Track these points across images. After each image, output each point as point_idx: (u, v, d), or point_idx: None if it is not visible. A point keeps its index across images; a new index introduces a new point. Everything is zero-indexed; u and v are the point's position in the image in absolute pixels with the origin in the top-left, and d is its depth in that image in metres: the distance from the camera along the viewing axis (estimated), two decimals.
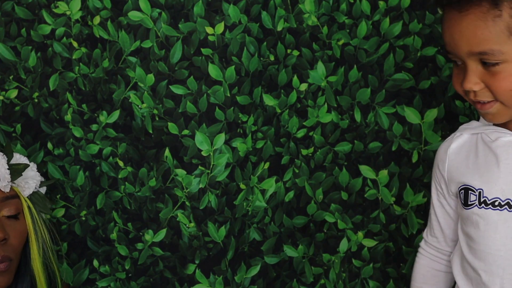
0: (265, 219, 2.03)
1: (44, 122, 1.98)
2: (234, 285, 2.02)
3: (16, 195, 1.72)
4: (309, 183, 2.02)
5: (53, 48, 1.97)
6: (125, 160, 1.99)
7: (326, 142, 2.02)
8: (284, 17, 1.98)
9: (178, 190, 1.98)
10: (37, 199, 1.75)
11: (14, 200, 1.71)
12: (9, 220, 1.70)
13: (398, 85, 1.98)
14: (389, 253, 2.03)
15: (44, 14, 1.96)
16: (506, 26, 1.44)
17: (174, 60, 1.96)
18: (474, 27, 1.45)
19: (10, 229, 1.69)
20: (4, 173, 1.69)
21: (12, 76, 1.97)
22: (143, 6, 1.95)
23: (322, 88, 2.00)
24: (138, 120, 1.98)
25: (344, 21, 1.98)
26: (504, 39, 1.44)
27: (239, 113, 1.98)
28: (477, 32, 1.45)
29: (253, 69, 1.97)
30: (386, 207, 2.02)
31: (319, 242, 2.04)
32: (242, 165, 2.00)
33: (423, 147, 1.98)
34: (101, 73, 1.97)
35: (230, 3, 1.95)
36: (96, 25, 1.96)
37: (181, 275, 2.01)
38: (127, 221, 2.00)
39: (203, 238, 2.00)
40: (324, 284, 2.04)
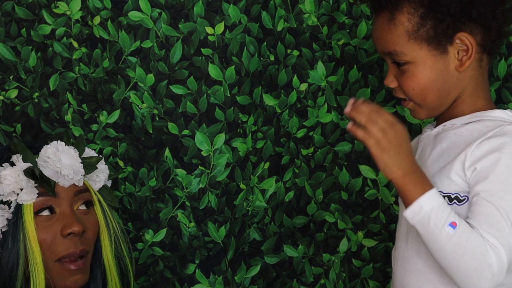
0: (265, 219, 2.03)
1: (44, 122, 1.98)
2: (234, 285, 2.02)
3: (87, 189, 1.71)
4: (309, 183, 2.02)
5: (53, 48, 1.97)
6: (125, 160, 1.99)
7: (326, 142, 2.02)
8: (284, 17, 1.98)
9: (178, 190, 1.99)
10: (104, 192, 1.74)
11: (86, 194, 1.70)
12: (83, 213, 1.69)
13: None
14: (389, 253, 2.03)
15: (44, 14, 1.96)
16: (404, 30, 1.54)
17: (174, 60, 1.96)
18: (382, 30, 1.57)
19: (84, 222, 1.68)
20: (78, 167, 1.68)
21: (12, 76, 1.97)
22: (143, 6, 1.95)
23: (322, 88, 2.01)
24: (138, 120, 1.98)
25: (344, 21, 1.98)
26: (404, 42, 1.55)
27: (239, 113, 1.98)
28: (383, 34, 1.57)
29: (253, 69, 1.98)
30: (386, 207, 2.02)
31: (319, 242, 2.04)
32: (242, 165, 2.00)
33: None
34: (101, 73, 1.97)
35: (230, 3, 1.95)
36: (96, 25, 1.96)
37: (181, 275, 2.01)
38: (127, 221, 2.00)
39: (203, 238, 2.00)
40: (324, 284, 2.04)
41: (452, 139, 1.57)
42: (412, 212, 1.48)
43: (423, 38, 1.54)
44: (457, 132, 1.58)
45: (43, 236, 1.64)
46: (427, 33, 1.54)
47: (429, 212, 1.47)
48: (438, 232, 1.46)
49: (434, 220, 1.46)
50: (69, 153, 1.68)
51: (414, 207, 1.48)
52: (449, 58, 1.55)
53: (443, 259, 1.48)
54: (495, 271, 1.46)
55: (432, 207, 1.47)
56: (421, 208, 1.47)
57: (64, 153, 1.67)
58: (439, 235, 1.46)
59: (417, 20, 1.54)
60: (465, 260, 1.45)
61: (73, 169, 1.67)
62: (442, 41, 1.54)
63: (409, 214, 1.48)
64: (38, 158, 1.66)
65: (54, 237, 1.65)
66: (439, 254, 1.47)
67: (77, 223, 1.65)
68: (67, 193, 1.67)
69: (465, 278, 1.47)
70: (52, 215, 1.66)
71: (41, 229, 1.65)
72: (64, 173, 1.65)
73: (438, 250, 1.47)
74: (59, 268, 1.65)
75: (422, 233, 1.48)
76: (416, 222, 1.48)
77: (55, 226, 1.65)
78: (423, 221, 1.47)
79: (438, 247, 1.47)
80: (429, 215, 1.47)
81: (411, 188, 1.49)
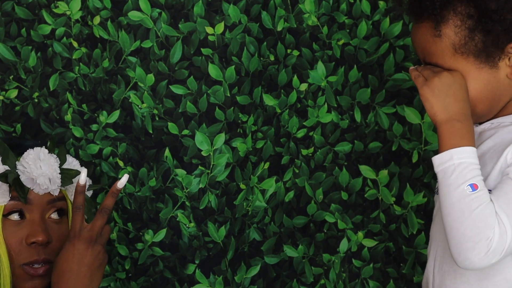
0: (265, 219, 2.03)
1: (44, 122, 1.98)
2: (234, 285, 2.02)
3: (63, 197, 1.70)
4: (309, 183, 2.02)
5: (53, 48, 1.97)
6: (125, 160, 1.99)
7: (326, 142, 2.02)
8: (284, 17, 1.98)
9: (178, 190, 1.99)
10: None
11: (61, 202, 1.70)
12: (54, 222, 1.69)
13: (398, 85, 1.98)
14: (389, 253, 2.03)
15: (44, 14, 1.96)
16: (450, 44, 1.49)
17: (174, 60, 1.96)
18: (425, 41, 1.52)
19: (54, 232, 1.68)
20: (56, 178, 1.68)
21: (12, 76, 1.97)
22: (143, 6, 1.95)
23: (322, 88, 2.01)
24: (138, 120, 1.98)
25: (344, 21, 1.98)
26: (449, 56, 1.49)
27: (239, 113, 1.98)
28: (426, 46, 1.52)
29: (253, 69, 1.98)
30: (386, 207, 2.02)
31: (319, 242, 2.04)
32: (242, 165, 2.00)
33: (423, 147, 1.98)
34: (101, 73, 1.97)
35: (230, 3, 1.95)
36: (96, 25, 1.96)
37: (181, 275, 2.01)
38: (127, 221, 2.00)
39: (203, 238, 2.00)
40: (324, 284, 2.04)
41: (501, 137, 1.53)
42: (440, 159, 1.45)
43: (470, 51, 1.49)
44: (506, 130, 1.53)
45: (9, 240, 1.65)
46: (476, 46, 1.48)
47: (456, 165, 1.43)
48: (455, 187, 1.43)
49: (457, 174, 1.43)
50: (50, 162, 1.68)
51: (444, 155, 1.45)
52: (499, 68, 1.50)
53: (448, 216, 1.44)
54: (492, 247, 1.42)
55: (462, 161, 1.43)
56: (451, 158, 1.44)
57: (44, 162, 1.67)
58: (455, 190, 1.43)
59: (465, 33, 1.48)
60: (468, 223, 1.42)
61: (50, 178, 1.66)
62: (492, 53, 1.49)
63: (436, 160, 1.45)
64: (19, 162, 1.66)
65: (20, 243, 1.65)
66: (447, 210, 1.44)
67: (42, 233, 1.65)
68: (41, 200, 1.67)
69: (460, 243, 1.43)
70: (21, 220, 1.66)
71: (8, 232, 1.65)
72: (40, 182, 1.65)
73: (448, 205, 1.44)
74: (21, 272, 1.66)
75: (440, 184, 1.45)
76: (440, 170, 1.44)
77: (22, 232, 1.66)
78: (447, 171, 1.44)
79: (449, 202, 1.43)
80: (455, 167, 1.43)
81: (450, 136, 1.45)
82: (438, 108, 1.47)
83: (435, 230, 1.61)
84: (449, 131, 1.46)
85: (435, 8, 1.48)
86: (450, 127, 1.46)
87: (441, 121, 1.47)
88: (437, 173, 1.46)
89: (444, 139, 1.46)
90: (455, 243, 1.44)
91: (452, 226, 1.44)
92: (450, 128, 1.46)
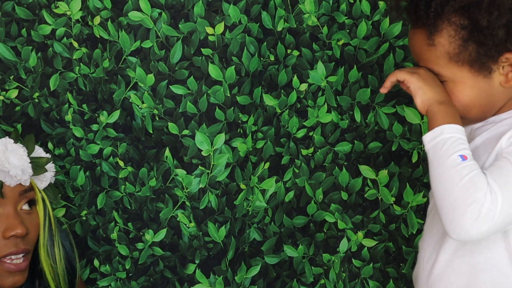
0: (265, 219, 2.03)
1: (44, 122, 1.98)
2: (234, 285, 2.02)
3: (31, 187, 1.67)
4: (309, 183, 2.02)
5: (53, 48, 1.97)
6: (125, 160, 1.99)
7: (326, 142, 2.02)
8: (284, 17, 1.98)
9: (178, 190, 1.99)
10: (49, 190, 1.70)
11: (31, 193, 1.67)
12: (26, 213, 1.66)
13: (398, 85, 1.98)
14: (389, 253, 2.03)
15: (44, 14, 1.96)
16: (445, 52, 1.50)
17: (174, 60, 1.96)
18: (420, 47, 1.53)
19: (28, 223, 1.65)
20: (27, 167, 1.64)
21: (12, 76, 1.97)
22: (143, 7, 1.95)
23: (322, 88, 2.01)
24: (139, 120, 1.98)
25: (344, 21, 1.98)
26: (444, 63, 1.51)
27: (239, 113, 1.98)
28: (421, 52, 1.53)
29: (253, 69, 1.98)
30: (386, 207, 2.02)
31: (319, 242, 2.04)
32: (242, 165, 2.00)
33: (423, 147, 1.98)
34: (101, 73, 1.98)
35: (230, 3, 1.95)
36: (96, 25, 1.96)
37: (181, 275, 2.01)
38: (127, 221, 2.00)
39: (203, 238, 2.00)
40: (324, 284, 2.04)
41: (495, 130, 1.54)
42: (431, 135, 1.48)
43: (464, 60, 1.50)
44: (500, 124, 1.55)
45: None
46: (470, 55, 1.49)
47: (447, 139, 1.46)
48: (446, 157, 1.45)
49: (447, 146, 1.45)
50: (18, 152, 1.64)
51: (435, 131, 1.48)
52: (493, 76, 1.51)
53: (439, 186, 1.45)
54: (484, 212, 1.42)
55: (452, 135, 1.46)
56: (441, 133, 1.47)
57: (13, 152, 1.63)
58: (445, 160, 1.45)
59: (459, 43, 1.49)
60: (459, 189, 1.43)
61: (21, 169, 1.63)
62: (486, 63, 1.49)
63: (427, 137, 1.48)
64: None
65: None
66: (438, 180, 1.45)
67: (20, 225, 1.62)
68: (13, 193, 1.64)
69: (452, 209, 1.44)
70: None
71: None
72: (12, 173, 1.62)
73: (438, 175, 1.45)
74: (1, 269, 1.63)
75: (431, 159, 1.47)
76: (431, 147, 1.47)
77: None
78: (437, 145, 1.46)
79: (439, 172, 1.45)
80: (445, 141, 1.46)
81: (442, 115, 1.48)
82: (431, 92, 1.50)
83: (429, 222, 1.62)
84: (442, 111, 1.49)
85: (429, 18, 1.50)
86: (442, 109, 1.49)
87: (434, 103, 1.50)
88: (427, 150, 1.48)
89: (435, 118, 1.49)
90: (447, 211, 1.45)
91: (443, 194, 1.45)
92: (443, 110, 1.49)
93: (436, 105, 1.49)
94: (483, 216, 1.42)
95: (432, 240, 1.59)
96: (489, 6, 1.47)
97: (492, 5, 1.48)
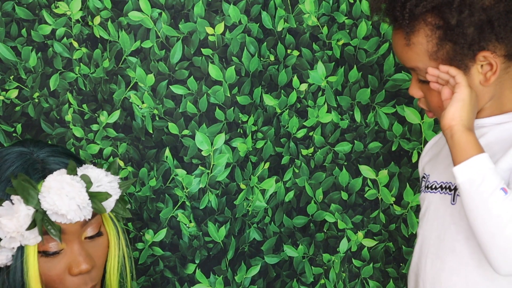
0: (265, 219, 2.03)
1: (44, 122, 1.98)
2: (234, 285, 2.02)
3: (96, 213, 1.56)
4: (309, 183, 2.03)
5: (53, 48, 1.97)
6: (125, 160, 1.99)
7: (326, 142, 2.02)
8: (284, 17, 1.98)
9: (178, 190, 1.99)
10: (117, 206, 1.58)
11: (96, 217, 1.55)
12: (91, 240, 1.56)
13: (398, 85, 1.98)
14: (389, 253, 2.03)
15: (44, 14, 1.96)
16: (424, 50, 1.51)
17: (174, 60, 1.97)
18: (401, 47, 1.54)
19: (94, 250, 1.56)
20: (85, 205, 1.51)
21: (12, 76, 1.97)
22: (143, 7, 1.95)
23: (322, 88, 2.01)
24: (139, 120, 1.98)
25: (344, 21, 1.98)
26: (425, 60, 1.51)
27: (239, 113, 1.98)
28: (403, 52, 1.54)
29: (253, 69, 1.98)
30: (386, 207, 2.02)
31: (319, 242, 2.04)
32: (242, 165, 2.00)
33: (423, 147, 1.98)
34: (101, 73, 1.98)
35: (230, 3, 1.95)
36: (96, 25, 1.96)
37: (181, 275, 2.01)
38: (127, 221, 2.00)
39: (203, 238, 2.00)
40: (324, 284, 2.04)
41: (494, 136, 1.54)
42: (465, 168, 1.44)
43: (443, 58, 1.50)
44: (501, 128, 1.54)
45: (50, 275, 1.53)
46: (447, 54, 1.50)
47: (484, 172, 1.43)
48: (489, 194, 1.42)
49: (488, 181, 1.42)
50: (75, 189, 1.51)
51: (469, 163, 1.44)
52: (473, 75, 1.51)
53: (485, 225, 1.43)
54: None
55: (488, 168, 1.43)
56: (476, 165, 1.44)
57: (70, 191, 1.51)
58: (488, 197, 1.42)
59: (436, 42, 1.50)
60: (510, 229, 1.41)
61: (80, 208, 1.51)
62: (463, 61, 1.50)
63: (460, 170, 1.44)
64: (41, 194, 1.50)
65: (62, 275, 1.54)
66: (483, 218, 1.43)
67: (85, 261, 1.54)
68: (74, 227, 1.54)
69: (503, 250, 1.43)
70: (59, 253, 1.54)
71: (48, 268, 1.54)
72: (70, 217, 1.50)
73: (483, 214, 1.43)
74: None
75: (468, 193, 1.44)
76: (466, 180, 1.44)
77: (61, 264, 1.54)
78: (475, 179, 1.43)
79: (484, 210, 1.42)
80: (483, 174, 1.43)
81: (468, 144, 1.45)
82: (466, 114, 1.48)
83: (426, 228, 1.61)
84: (467, 139, 1.47)
85: (404, 19, 1.51)
86: (467, 136, 1.47)
87: (460, 129, 1.47)
88: (460, 183, 1.45)
89: (462, 146, 1.46)
90: (498, 251, 1.43)
91: (493, 233, 1.43)
92: (468, 137, 1.47)
93: (465, 130, 1.47)
94: None
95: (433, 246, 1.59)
96: (459, 5, 1.49)
97: (463, 4, 1.49)
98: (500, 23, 1.49)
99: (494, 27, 1.49)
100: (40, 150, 1.58)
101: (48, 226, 1.50)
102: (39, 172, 1.53)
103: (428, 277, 1.58)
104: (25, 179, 1.50)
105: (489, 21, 1.49)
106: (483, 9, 1.49)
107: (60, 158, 1.56)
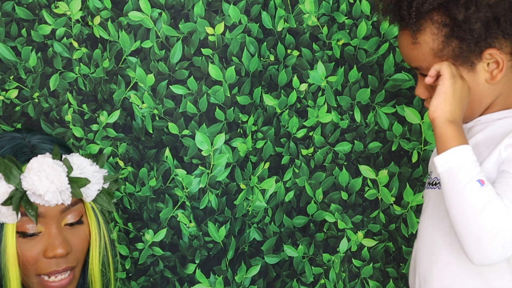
0: (265, 219, 2.03)
1: (44, 122, 1.98)
2: (234, 285, 2.02)
3: (78, 200, 1.61)
4: (309, 183, 2.03)
5: (53, 48, 1.97)
6: (125, 160, 1.99)
7: (326, 142, 2.02)
8: (284, 17, 1.98)
9: (178, 190, 1.99)
10: (101, 197, 1.64)
11: (77, 206, 1.61)
12: (71, 227, 1.61)
13: (398, 85, 1.98)
14: (389, 253, 2.03)
15: (44, 14, 1.96)
16: (429, 48, 1.53)
17: (174, 60, 1.97)
18: (407, 47, 1.57)
19: (73, 237, 1.60)
20: (65, 189, 1.57)
21: (12, 76, 1.97)
22: (143, 7, 1.95)
23: (322, 88, 2.01)
24: (139, 120, 1.98)
25: (344, 21, 1.98)
26: (430, 59, 1.54)
27: (239, 113, 1.98)
28: (408, 51, 1.57)
29: (253, 69, 1.98)
30: (386, 207, 2.02)
31: (319, 242, 2.04)
32: (242, 165, 2.00)
33: (423, 147, 1.99)
34: (101, 73, 1.98)
35: (230, 3, 1.95)
36: (96, 25, 1.96)
37: (181, 275, 2.01)
38: (127, 221, 2.00)
39: (203, 238, 2.00)
40: (324, 284, 2.04)
41: (491, 131, 1.56)
42: (445, 158, 1.47)
43: (449, 56, 1.52)
44: (495, 124, 1.56)
45: (25, 255, 1.58)
46: (453, 51, 1.52)
47: (462, 162, 1.45)
48: (464, 184, 1.44)
49: (464, 171, 1.45)
50: (56, 173, 1.57)
51: (448, 154, 1.47)
52: (478, 72, 1.53)
53: (460, 215, 1.45)
54: (509, 239, 1.43)
55: (466, 159, 1.46)
56: (455, 156, 1.46)
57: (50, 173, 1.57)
58: (464, 187, 1.44)
59: (442, 39, 1.52)
60: (482, 218, 1.43)
61: (59, 191, 1.57)
62: (469, 59, 1.52)
63: (440, 160, 1.47)
64: (23, 174, 1.55)
65: (37, 257, 1.59)
66: (458, 208, 1.45)
67: (60, 246, 1.58)
68: (54, 211, 1.59)
69: (477, 239, 1.44)
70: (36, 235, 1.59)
71: (24, 248, 1.58)
72: (48, 198, 1.56)
73: (458, 203, 1.45)
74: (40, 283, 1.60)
75: (446, 183, 1.47)
76: (445, 170, 1.46)
77: (38, 246, 1.59)
78: (453, 169, 1.46)
79: (459, 199, 1.45)
80: (461, 165, 1.45)
81: (451, 136, 1.48)
82: (449, 106, 1.50)
83: (424, 223, 1.63)
84: (451, 131, 1.49)
85: (411, 18, 1.53)
86: (451, 128, 1.49)
87: (443, 121, 1.50)
88: (440, 173, 1.48)
89: (444, 138, 1.49)
90: (471, 239, 1.45)
91: (466, 222, 1.45)
92: (452, 129, 1.49)
93: (446, 123, 1.49)
94: (508, 242, 1.44)
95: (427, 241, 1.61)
96: (466, 2, 1.51)
97: (469, 1, 1.51)
98: (506, 20, 1.51)
99: (500, 24, 1.50)
100: (33, 136, 1.66)
101: (26, 205, 1.55)
102: (27, 155, 1.60)
103: (422, 270, 1.60)
104: (11, 159, 1.57)
105: (495, 17, 1.50)
106: (489, 6, 1.50)
107: (50, 145, 1.63)
